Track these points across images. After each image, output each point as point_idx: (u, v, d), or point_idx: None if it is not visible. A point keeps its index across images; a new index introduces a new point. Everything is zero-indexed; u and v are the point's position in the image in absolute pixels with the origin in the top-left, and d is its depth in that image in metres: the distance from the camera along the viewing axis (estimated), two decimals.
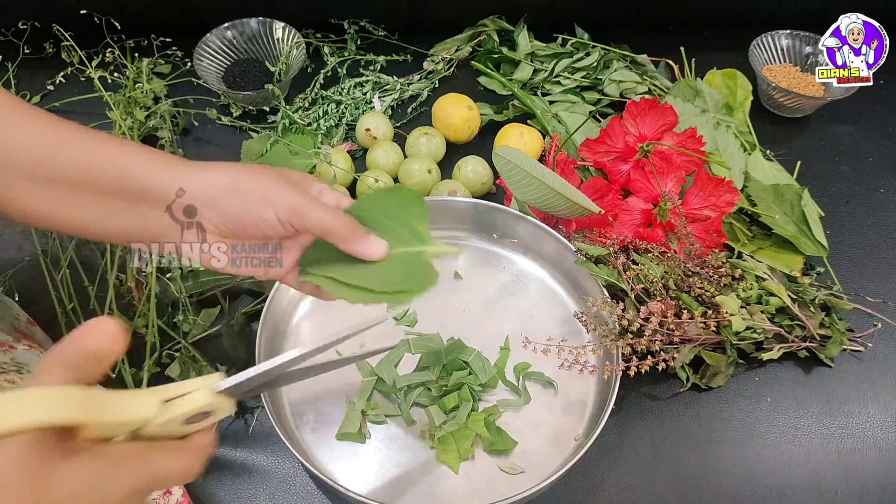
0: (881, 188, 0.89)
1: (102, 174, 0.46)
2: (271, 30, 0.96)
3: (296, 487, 0.63)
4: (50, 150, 0.46)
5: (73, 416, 0.31)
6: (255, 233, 0.48)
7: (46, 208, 0.47)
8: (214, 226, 0.48)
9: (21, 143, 0.46)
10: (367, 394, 0.65)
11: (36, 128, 0.47)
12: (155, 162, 0.47)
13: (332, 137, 0.91)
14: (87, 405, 0.32)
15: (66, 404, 0.31)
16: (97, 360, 0.34)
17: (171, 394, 0.36)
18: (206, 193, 0.46)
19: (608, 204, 0.77)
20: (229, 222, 0.47)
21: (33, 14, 0.94)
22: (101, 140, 0.48)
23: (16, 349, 0.56)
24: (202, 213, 0.47)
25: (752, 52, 0.96)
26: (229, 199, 0.46)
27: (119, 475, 0.33)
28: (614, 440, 0.66)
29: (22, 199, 0.47)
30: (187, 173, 0.47)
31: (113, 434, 0.35)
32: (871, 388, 0.70)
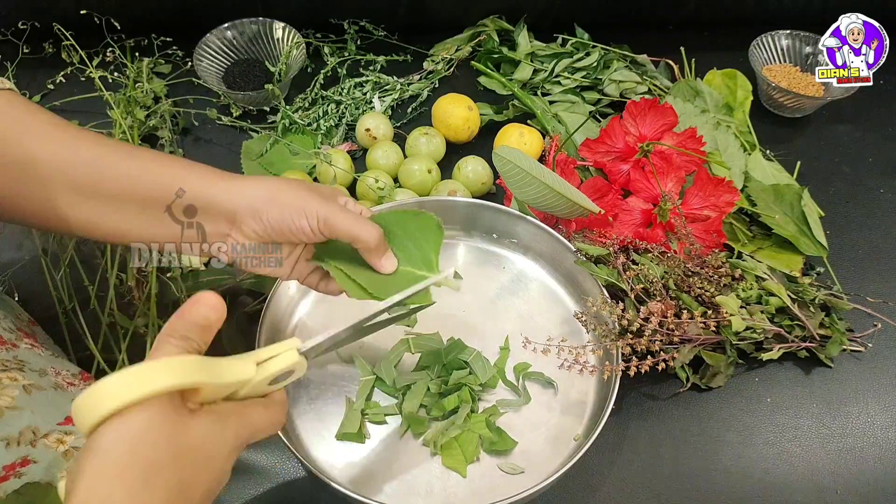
0: (881, 188, 0.89)
1: (151, 187, 0.51)
2: (271, 30, 0.96)
3: (296, 487, 0.63)
4: (97, 165, 0.50)
5: (195, 379, 0.37)
6: (291, 238, 0.53)
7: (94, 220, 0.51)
8: (254, 232, 0.52)
9: (68, 160, 0.50)
10: (365, 393, 0.65)
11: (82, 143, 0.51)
12: (202, 175, 0.52)
13: (332, 137, 0.91)
14: (204, 370, 0.38)
15: (189, 370, 0.37)
16: (203, 329, 0.40)
17: (262, 357, 0.43)
18: (249, 204, 0.51)
19: (608, 204, 0.77)
20: (268, 229, 0.52)
21: (33, 14, 0.94)
22: (146, 154, 0.53)
23: (18, 347, 0.57)
24: (244, 221, 0.52)
25: (752, 52, 0.96)
26: (269, 209, 0.51)
27: (229, 428, 0.40)
28: (614, 440, 0.66)
29: (69, 211, 0.50)
30: (234, 185, 0.52)
31: (217, 396, 0.41)
32: (871, 388, 0.70)
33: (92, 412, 0.35)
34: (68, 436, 0.51)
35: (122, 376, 0.35)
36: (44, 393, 0.52)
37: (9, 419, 0.48)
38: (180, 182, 0.51)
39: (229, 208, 0.52)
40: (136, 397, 0.35)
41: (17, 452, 0.47)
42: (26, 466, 0.47)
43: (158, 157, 0.53)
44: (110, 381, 0.35)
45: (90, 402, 0.35)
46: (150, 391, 0.35)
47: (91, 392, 0.35)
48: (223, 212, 0.52)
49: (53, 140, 0.50)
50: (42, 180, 0.49)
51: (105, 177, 0.50)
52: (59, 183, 0.49)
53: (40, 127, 0.50)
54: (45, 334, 0.67)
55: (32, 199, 0.50)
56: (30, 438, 0.49)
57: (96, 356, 0.66)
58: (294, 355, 0.44)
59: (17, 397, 0.50)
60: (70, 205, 0.50)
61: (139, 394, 0.35)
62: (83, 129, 0.52)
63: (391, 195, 0.80)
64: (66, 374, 0.58)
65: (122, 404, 0.35)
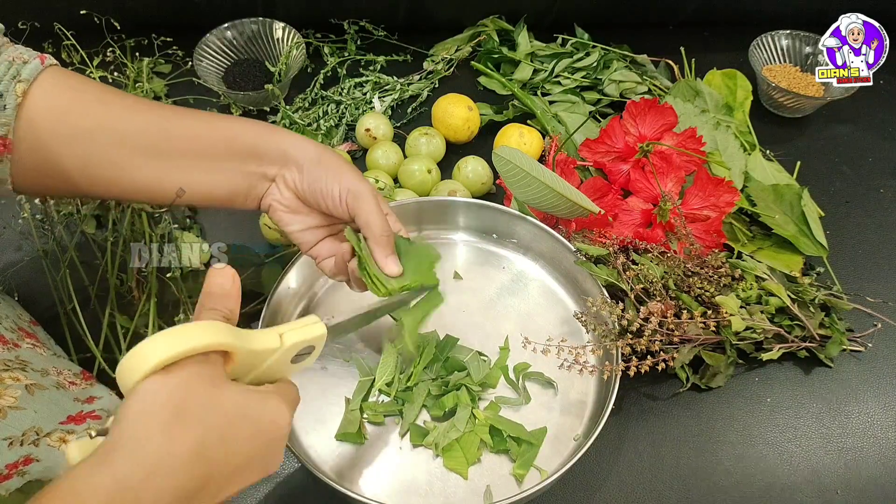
0: (881, 188, 0.89)
1: (212, 139, 0.55)
2: (271, 30, 0.96)
3: (295, 487, 0.63)
4: (160, 124, 0.54)
5: (228, 341, 0.41)
6: (319, 200, 0.57)
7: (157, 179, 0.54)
8: (294, 183, 0.57)
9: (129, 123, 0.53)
10: (362, 394, 0.65)
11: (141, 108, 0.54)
12: (259, 127, 0.57)
13: (332, 138, 0.91)
14: (233, 335, 0.41)
15: (222, 333, 0.41)
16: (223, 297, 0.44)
17: (283, 329, 0.46)
18: (298, 156, 0.56)
19: (608, 204, 0.77)
20: (306, 186, 0.56)
21: (33, 14, 0.94)
22: (203, 113, 0.57)
23: (20, 347, 0.57)
24: (290, 169, 0.57)
25: (752, 52, 0.96)
26: (314, 167, 0.56)
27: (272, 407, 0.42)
28: (614, 440, 0.66)
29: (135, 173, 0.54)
30: (287, 137, 0.57)
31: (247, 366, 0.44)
32: (871, 388, 0.70)
33: (135, 370, 0.37)
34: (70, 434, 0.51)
35: (162, 336, 0.38)
36: (46, 392, 0.52)
37: (12, 419, 0.48)
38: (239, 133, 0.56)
39: (281, 156, 0.56)
40: (173, 355, 0.38)
41: (19, 452, 0.47)
42: (29, 465, 0.47)
43: (217, 115, 0.58)
44: (151, 341, 0.38)
45: (133, 362, 0.38)
46: (188, 348, 0.38)
47: (133, 353, 0.38)
48: (277, 157, 0.56)
49: (114, 107, 0.53)
50: (108, 146, 0.52)
51: (170, 135, 0.54)
52: (126, 147, 0.52)
53: (100, 96, 0.53)
54: (45, 334, 0.67)
55: (102, 166, 0.52)
56: (32, 438, 0.49)
57: (97, 356, 0.66)
58: (321, 328, 0.48)
59: (20, 397, 0.50)
60: (138, 167, 0.53)
61: (176, 351, 0.38)
62: (136, 96, 0.56)
63: (391, 195, 0.81)
64: (67, 373, 0.58)
65: (163, 360, 0.37)
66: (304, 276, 0.72)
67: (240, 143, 0.55)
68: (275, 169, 0.57)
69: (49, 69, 0.52)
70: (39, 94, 0.51)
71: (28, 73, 0.50)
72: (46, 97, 0.51)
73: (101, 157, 0.52)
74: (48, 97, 0.51)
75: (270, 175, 0.57)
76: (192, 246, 0.74)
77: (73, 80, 0.53)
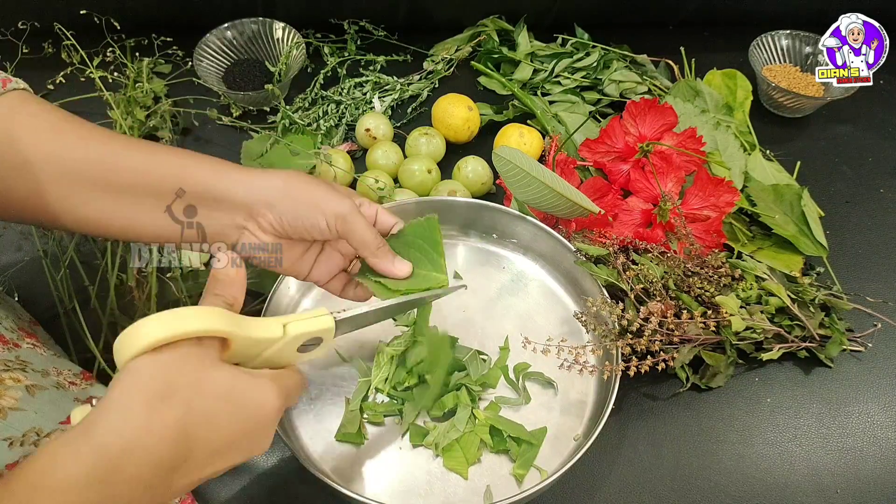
0: (881, 188, 0.89)
1: (162, 179, 0.51)
2: (271, 30, 0.96)
3: (296, 487, 0.63)
4: (108, 158, 0.51)
5: (225, 328, 0.41)
6: (304, 234, 0.54)
7: (105, 215, 0.51)
8: (270, 225, 0.53)
9: (79, 154, 0.50)
10: (361, 394, 0.65)
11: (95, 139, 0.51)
12: (215, 167, 0.52)
13: (332, 138, 0.91)
14: (232, 321, 0.42)
15: (220, 319, 0.41)
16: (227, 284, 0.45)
17: (289, 320, 0.47)
18: (265, 196, 0.52)
19: (608, 204, 0.77)
20: (284, 223, 0.52)
21: (33, 14, 0.94)
22: (158, 147, 0.53)
23: (20, 347, 0.57)
24: (261, 213, 0.52)
25: (752, 52, 0.96)
26: (285, 202, 0.52)
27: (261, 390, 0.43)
28: (614, 440, 0.66)
29: (82, 207, 0.51)
30: (248, 177, 0.52)
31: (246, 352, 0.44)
32: (871, 388, 0.70)
33: (130, 346, 0.39)
34: None
35: (159, 317, 0.39)
36: (46, 392, 0.52)
37: (12, 420, 0.48)
38: (192, 172, 0.51)
39: (245, 200, 0.52)
40: (168, 336, 0.39)
41: (20, 452, 0.47)
42: None
43: (171, 150, 0.53)
44: (147, 321, 0.39)
45: (129, 338, 0.39)
46: (183, 331, 0.39)
47: (129, 330, 0.39)
48: (239, 204, 0.52)
49: (65, 138, 0.50)
50: (56, 178, 0.50)
51: (118, 170, 0.51)
52: (72, 180, 0.50)
53: (53, 125, 0.50)
54: (45, 334, 0.67)
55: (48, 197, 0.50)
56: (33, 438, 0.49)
57: (97, 356, 0.66)
58: (328, 320, 0.48)
59: (21, 398, 0.50)
60: (85, 201, 0.51)
61: (173, 332, 0.39)
62: (95, 126, 0.52)
63: (391, 195, 0.81)
64: (67, 373, 0.58)
65: (157, 340, 0.39)
66: None
67: (191, 184, 0.51)
68: (242, 216, 0.52)
69: (9, 94, 0.50)
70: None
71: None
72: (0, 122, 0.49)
73: (48, 189, 0.50)
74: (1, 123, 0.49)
75: (240, 223, 0.53)
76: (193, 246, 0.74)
77: (32, 107, 0.51)
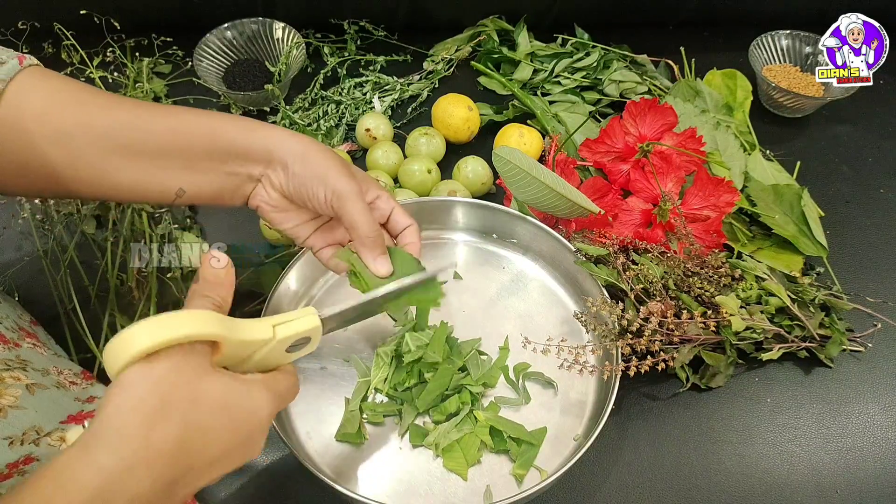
0: (881, 188, 0.89)
1: (191, 137, 0.53)
2: (271, 30, 0.96)
3: (295, 487, 0.63)
4: (136, 122, 0.52)
5: (216, 332, 0.40)
6: (305, 202, 0.55)
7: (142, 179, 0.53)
8: (280, 184, 0.55)
9: (107, 122, 0.51)
10: (361, 394, 0.65)
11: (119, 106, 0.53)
12: (240, 123, 0.54)
13: (332, 138, 0.91)
14: (223, 324, 0.41)
15: (211, 323, 0.40)
16: (216, 285, 0.44)
17: (278, 321, 0.46)
18: (283, 154, 0.53)
19: (608, 204, 0.77)
20: (290, 186, 0.54)
21: (33, 14, 0.94)
22: (183, 109, 0.55)
23: (21, 347, 0.57)
24: (275, 170, 0.54)
25: (752, 52, 0.96)
26: (298, 164, 0.53)
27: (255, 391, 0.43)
28: (614, 440, 0.66)
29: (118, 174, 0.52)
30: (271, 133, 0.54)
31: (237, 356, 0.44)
32: (871, 388, 0.70)
33: (120, 355, 0.38)
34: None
35: (148, 323, 0.38)
36: (46, 392, 0.52)
37: (12, 418, 0.48)
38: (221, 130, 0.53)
39: (265, 154, 0.54)
40: (159, 343, 0.38)
41: (20, 451, 0.47)
42: (30, 464, 0.48)
43: (196, 111, 0.55)
44: (138, 328, 0.38)
45: (119, 347, 0.38)
46: (173, 337, 0.38)
47: (120, 337, 0.38)
48: (260, 157, 0.54)
49: (91, 107, 0.51)
50: (88, 146, 0.51)
51: (148, 134, 0.52)
52: (104, 147, 0.51)
53: (77, 95, 0.52)
54: (46, 334, 0.67)
55: (81, 167, 0.51)
56: (33, 437, 0.49)
57: (97, 356, 0.66)
58: (315, 320, 0.47)
59: (21, 396, 0.50)
60: (118, 168, 0.52)
61: (162, 339, 0.38)
62: (117, 95, 0.54)
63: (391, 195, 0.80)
64: (67, 373, 0.58)
65: (147, 348, 0.37)
66: (305, 276, 0.72)
67: (222, 141, 0.53)
68: (259, 169, 0.55)
69: (28, 70, 0.51)
70: (16, 95, 0.50)
71: (4, 74, 0.50)
72: (23, 98, 0.50)
73: (80, 159, 0.51)
74: (25, 98, 0.50)
75: (255, 175, 0.55)
76: (192, 246, 0.74)
77: (53, 81, 0.52)
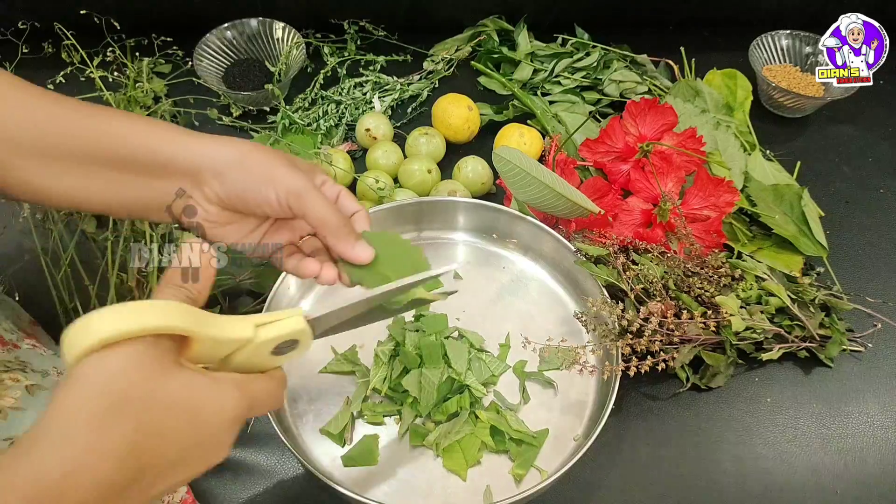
0: (881, 188, 0.89)
1: (112, 145, 0.48)
2: (271, 30, 0.96)
3: (296, 487, 0.63)
4: (55, 124, 0.47)
5: (185, 325, 0.37)
6: (255, 209, 0.49)
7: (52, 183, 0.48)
8: (217, 196, 0.49)
9: (24, 120, 0.47)
10: (361, 395, 0.65)
11: (38, 103, 0.48)
12: (166, 132, 0.49)
13: (332, 138, 0.91)
14: (196, 319, 0.38)
15: (179, 315, 0.37)
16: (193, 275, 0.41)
17: (262, 321, 0.42)
18: (213, 164, 0.48)
19: (608, 204, 0.77)
20: (231, 195, 0.49)
21: (33, 14, 0.94)
22: (107, 112, 0.50)
23: (20, 348, 0.57)
24: (208, 182, 0.48)
25: (752, 52, 0.96)
26: (235, 172, 0.48)
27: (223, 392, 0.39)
28: (614, 440, 0.66)
29: (27, 175, 0.48)
30: (198, 143, 0.48)
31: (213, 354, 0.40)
32: (870, 388, 0.70)
33: (77, 344, 0.35)
34: None
35: (109, 311, 0.35)
36: (46, 393, 0.52)
37: (12, 420, 0.48)
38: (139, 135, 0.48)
39: (192, 167, 0.48)
40: (119, 333, 0.35)
41: None
42: None
43: (122, 115, 0.50)
44: (98, 316, 0.35)
45: (76, 334, 0.35)
46: (134, 328, 0.35)
47: (78, 324, 0.35)
48: (185, 169, 0.48)
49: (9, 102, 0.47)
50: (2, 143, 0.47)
51: (64, 136, 0.47)
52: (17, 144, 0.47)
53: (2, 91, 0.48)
54: (45, 335, 0.67)
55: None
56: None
57: None
58: (299, 321, 0.43)
59: (21, 398, 0.50)
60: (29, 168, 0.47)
61: (123, 329, 0.35)
62: (46, 91, 0.49)
63: (391, 195, 0.81)
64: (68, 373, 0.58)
65: (105, 338, 0.34)
66: None
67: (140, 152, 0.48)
68: (185, 183, 0.49)
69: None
70: None
71: None
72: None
73: None
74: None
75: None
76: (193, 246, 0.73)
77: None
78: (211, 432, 0.38)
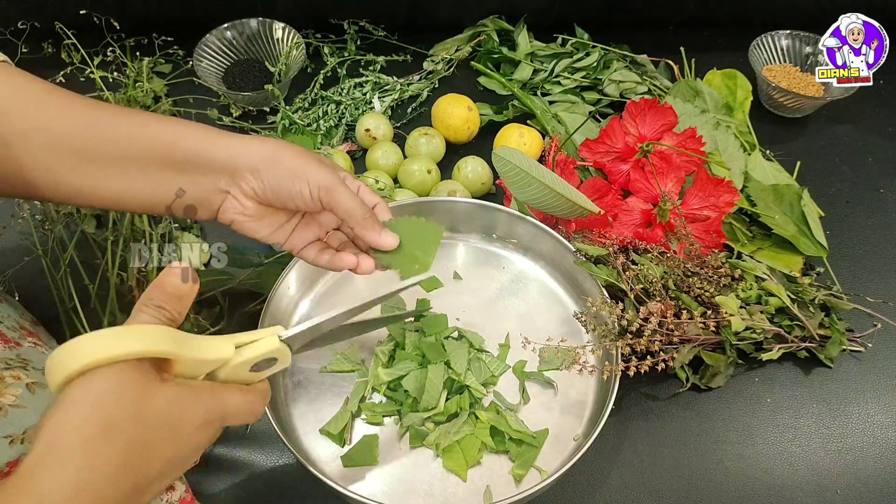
0: (881, 188, 0.89)
1: (151, 145, 0.51)
2: (271, 30, 0.96)
3: (295, 487, 0.63)
4: (95, 127, 0.50)
5: (168, 349, 0.39)
6: (288, 203, 0.53)
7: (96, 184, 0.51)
8: (253, 191, 0.53)
9: (64, 124, 0.50)
10: (359, 395, 0.65)
11: (77, 108, 0.51)
12: (203, 132, 0.53)
13: (331, 138, 0.91)
14: (175, 341, 0.39)
15: (159, 339, 0.38)
16: (176, 299, 0.42)
17: (242, 340, 0.44)
18: (250, 161, 0.52)
19: (608, 204, 0.77)
20: (267, 189, 0.53)
21: (33, 14, 0.94)
22: (144, 115, 0.54)
23: (22, 346, 0.57)
24: (245, 178, 0.52)
25: (752, 52, 0.96)
26: (270, 168, 0.52)
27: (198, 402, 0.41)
28: (614, 440, 0.66)
29: (71, 178, 0.50)
30: (233, 142, 0.52)
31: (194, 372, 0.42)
32: (870, 388, 0.70)
33: (62, 369, 0.36)
34: None
35: (93, 337, 0.37)
36: (46, 391, 0.52)
37: (13, 417, 0.48)
38: (182, 138, 0.51)
39: (229, 164, 0.52)
40: (104, 358, 0.36)
41: (20, 449, 0.47)
42: None
43: (157, 118, 0.53)
44: (81, 341, 0.36)
45: (61, 360, 0.36)
46: (118, 354, 0.37)
47: (62, 350, 0.36)
48: (223, 167, 0.52)
49: (50, 107, 0.50)
50: (42, 148, 0.49)
51: (104, 139, 0.50)
52: (59, 150, 0.50)
53: (36, 96, 0.50)
54: (47, 334, 0.67)
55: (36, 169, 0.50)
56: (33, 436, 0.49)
57: None
58: (274, 342, 0.45)
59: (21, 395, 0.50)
60: (71, 170, 0.50)
61: (108, 355, 0.36)
62: (78, 95, 0.52)
63: (391, 195, 0.81)
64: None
65: (90, 363, 0.36)
66: (305, 277, 0.72)
67: (182, 150, 0.51)
68: (224, 180, 0.53)
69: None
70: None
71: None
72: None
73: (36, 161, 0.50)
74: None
75: (222, 188, 0.53)
76: (192, 246, 0.74)
77: (15, 79, 0.51)
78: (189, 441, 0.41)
